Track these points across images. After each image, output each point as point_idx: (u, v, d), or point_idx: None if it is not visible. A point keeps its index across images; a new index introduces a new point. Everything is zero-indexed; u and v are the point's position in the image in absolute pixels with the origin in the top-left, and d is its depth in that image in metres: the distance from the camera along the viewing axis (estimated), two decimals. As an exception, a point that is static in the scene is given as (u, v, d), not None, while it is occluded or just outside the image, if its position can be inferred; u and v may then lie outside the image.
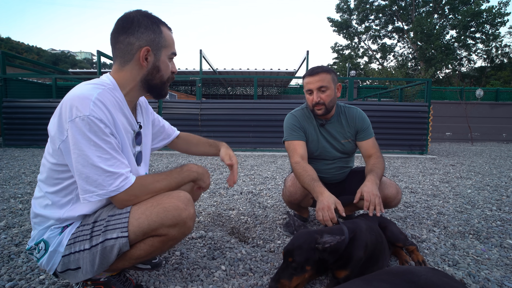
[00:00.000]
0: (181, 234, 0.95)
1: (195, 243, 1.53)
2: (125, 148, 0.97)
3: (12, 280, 1.15)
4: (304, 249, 1.00)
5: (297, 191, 1.59)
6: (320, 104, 1.55)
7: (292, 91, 15.12)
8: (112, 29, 0.95)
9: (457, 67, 20.86)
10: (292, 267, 0.99)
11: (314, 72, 1.54)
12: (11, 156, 4.83)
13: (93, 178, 0.83)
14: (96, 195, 0.85)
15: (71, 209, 0.93)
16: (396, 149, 6.08)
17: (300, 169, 1.49)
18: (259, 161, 4.76)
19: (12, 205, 2.16)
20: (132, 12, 0.95)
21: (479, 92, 11.07)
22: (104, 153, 0.84)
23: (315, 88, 1.54)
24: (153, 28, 0.94)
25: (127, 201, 0.91)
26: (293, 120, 1.68)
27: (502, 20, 17.94)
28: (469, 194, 2.71)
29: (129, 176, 0.90)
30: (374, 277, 0.86)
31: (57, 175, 0.90)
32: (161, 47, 0.97)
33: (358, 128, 1.67)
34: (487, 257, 1.43)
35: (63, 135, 0.83)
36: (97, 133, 0.83)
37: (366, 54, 24.38)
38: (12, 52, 28.36)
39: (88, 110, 0.82)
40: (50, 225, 0.94)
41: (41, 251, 0.92)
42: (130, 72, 0.96)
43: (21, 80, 7.23)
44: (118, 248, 0.88)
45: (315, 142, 1.67)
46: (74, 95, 0.84)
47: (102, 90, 0.88)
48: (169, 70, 1.02)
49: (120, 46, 0.94)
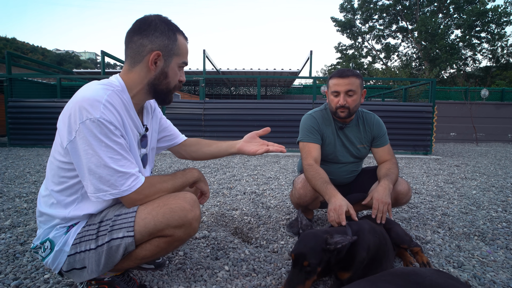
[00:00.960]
0: (186, 235, 0.95)
1: (198, 243, 1.53)
2: (133, 149, 0.99)
3: (17, 279, 1.16)
4: (317, 251, 0.98)
5: (307, 194, 1.57)
6: (345, 108, 1.52)
7: (295, 91, 15.09)
8: (129, 29, 0.96)
9: (462, 67, 20.67)
10: (306, 271, 0.96)
11: (345, 75, 1.50)
12: (16, 156, 4.88)
13: (106, 178, 0.85)
14: (109, 194, 0.87)
15: (76, 208, 0.93)
16: (400, 150, 6.04)
17: (313, 171, 1.47)
18: (262, 161, 4.76)
19: (17, 204, 2.18)
20: (151, 16, 0.96)
21: (484, 92, 10.96)
22: (115, 154, 0.86)
23: (343, 91, 1.50)
24: (169, 34, 0.95)
25: (137, 200, 0.92)
26: (311, 122, 1.65)
27: (508, 19, 17.74)
28: (474, 195, 2.68)
29: (139, 176, 0.92)
30: (378, 278, 0.86)
31: (63, 173, 0.91)
32: (173, 54, 0.97)
33: (374, 134, 1.66)
34: (493, 259, 1.41)
35: (71, 135, 0.84)
36: (108, 134, 0.84)
37: (370, 54, 24.27)
38: (18, 52, 28.65)
39: (99, 113, 0.83)
40: (55, 224, 0.95)
41: (46, 250, 0.93)
42: (138, 73, 0.97)
43: (26, 80, 7.30)
44: (124, 248, 0.88)
45: (332, 145, 1.66)
46: (84, 96, 0.85)
47: (111, 92, 0.89)
48: (177, 78, 1.02)
49: (132, 46, 0.95)
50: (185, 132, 1.40)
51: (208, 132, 6.05)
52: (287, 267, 1.29)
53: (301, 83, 15.47)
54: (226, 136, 6.06)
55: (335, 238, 1.00)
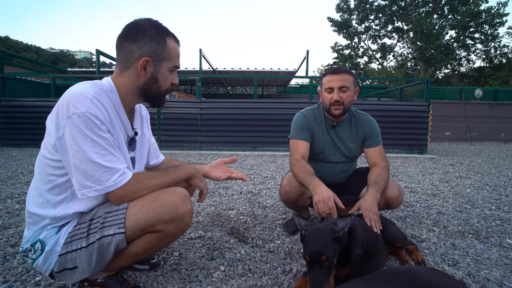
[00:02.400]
0: (178, 230, 0.94)
1: (194, 243, 1.52)
2: (122, 147, 0.97)
3: (7, 282, 1.14)
4: (329, 242, 0.97)
5: (292, 190, 1.57)
6: (339, 103, 1.53)
7: (292, 91, 15.11)
8: (119, 34, 0.96)
9: (456, 67, 20.88)
10: (326, 266, 0.94)
11: (338, 71, 1.54)
12: (9, 156, 4.81)
13: (91, 174, 0.84)
14: (94, 190, 0.85)
15: (66, 207, 0.92)
16: (396, 149, 6.08)
17: (299, 165, 1.49)
18: (259, 160, 4.75)
19: (8, 205, 2.15)
20: (141, 20, 0.96)
21: (478, 92, 11.08)
22: (101, 149, 0.85)
23: (336, 86, 1.52)
24: (158, 39, 0.95)
25: (124, 197, 0.91)
26: (302, 119, 1.67)
27: (500, 20, 17.96)
28: (469, 194, 2.71)
29: (126, 171, 0.91)
30: (374, 276, 0.86)
31: (52, 171, 0.90)
32: (163, 59, 0.97)
33: (366, 134, 1.65)
34: (487, 257, 1.42)
35: (59, 132, 0.84)
36: (93, 129, 0.84)
37: (366, 54, 24.39)
38: (11, 51, 28.23)
39: (85, 107, 0.83)
40: (46, 225, 0.93)
41: (37, 252, 0.91)
42: (128, 78, 0.97)
43: (19, 79, 7.20)
44: (115, 245, 0.87)
45: (321, 144, 1.66)
46: (71, 93, 0.85)
47: (99, 90, 0.90)
48: (168, 82, 1.02)
49: (122, 52, 0.96)
50: (181, 131, 1.39)
51: (204, 132, 6.03)
52: (283, 266, 1.28)
53: (297, 83, 15.48)
54: (223, 136, 6.05)
55: (339, 224, 1.01)
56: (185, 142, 6.04)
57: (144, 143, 1.16)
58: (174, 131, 5.99)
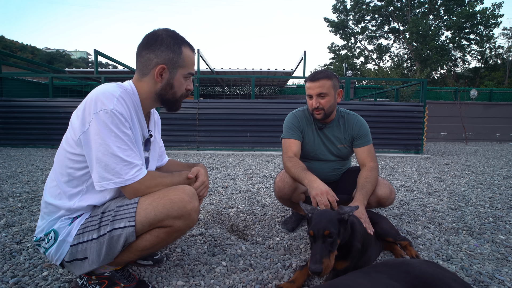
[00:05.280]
0: (185, 226, 0.99)
1: (195, 240, 1.55)
2: (138, 145, 1.04)
3: (15, 277, 1.16)
4: (334, 220, 1.02)
5: (285, 186, 1.60)
6: (319, 109, 1.58)
7: (289, 91, 15.16)
8: (139, 43, 1.04)
9: (452, 68, 21.09)
10: (329, 243, 0.98)
11: (315, 78, 1.57)
12: (7, 156, 4.80)
13: (112, 167, 0.89)
14: (112, 183, 0.90)
15: (81, 199, 0.97)
16: (392, 149, 6.15)
17: (292, 161, 1.53)
18: (257, 160, 4.79)
19: (11, 204, 2.16)
20: (159, 30, 1.03)
21: (473, 93, 11.22)
22: (123, 144, 0.91)
23: (314, 94, 1.57)
24: (174, 48, 1.01)
25: (139, 190, 0.96)
26: (293, 120, 1.72)
27: (495, 21, 18.18)
28: (463, 192, 2.77)
29: (142, 167, 0.96)
30: (371, 269, 0.90)
31: (72, 164, 0.95)
32: (178, 67, 1.04)
33: (354, 134, 1.69)
34: (479, 252, 1.48)
35: (84, 126, 0.90)
36: (118, 125, 0.90)
37: (363, 55, 24.54)
38: (6, 51, 27.89)
39: (112, 105, 0.90)
40: (60, 216, 0.97)
41: (50, 241, 0.95)
42: (147, 84, 1.05)
43: (17, 79, 7.17)
44: (125, 238, 0.91)
45: (311, 144, 1.71)
46: (100, 91, 0.92)
47: (124, 90, 0.97)
48: (183, 88, 1.09)
49: (141, 60, 1.03)
50: (179, 131, 1.42)
51: (202, 132, 6.05)
52: (282, 262, 1.32)
53: (294, 83, 15.53)
54: (220, 136, 6.08)
55: (345, 209, 1.06)
56: (183, 142, 6.06)
57: (156, 146, 1.22)
58: (172, 131, 6.01)
